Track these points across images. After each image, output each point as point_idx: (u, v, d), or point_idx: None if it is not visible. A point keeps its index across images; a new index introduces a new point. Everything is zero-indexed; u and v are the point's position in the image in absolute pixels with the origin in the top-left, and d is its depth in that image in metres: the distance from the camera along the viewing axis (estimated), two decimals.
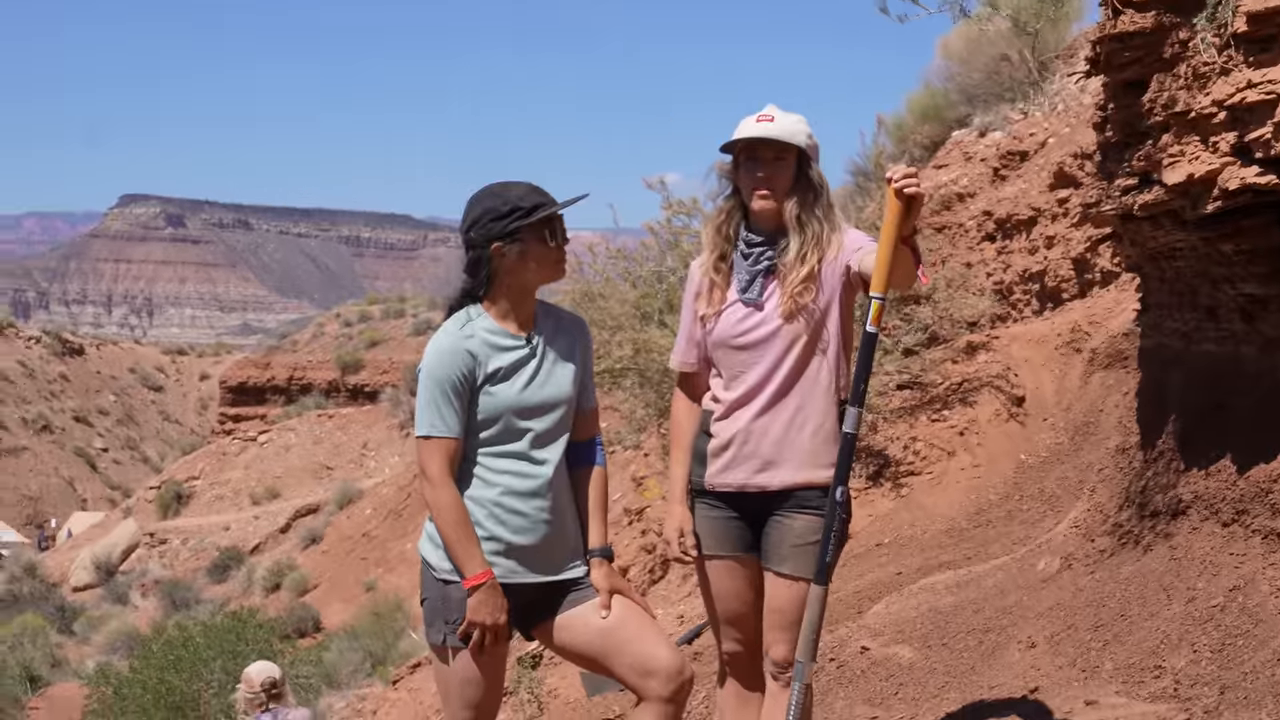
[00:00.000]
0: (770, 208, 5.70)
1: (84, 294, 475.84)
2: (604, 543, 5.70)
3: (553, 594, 5.57)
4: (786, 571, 5.71)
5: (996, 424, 13.18)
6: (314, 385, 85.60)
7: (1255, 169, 6.64)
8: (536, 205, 5.41)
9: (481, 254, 5.43)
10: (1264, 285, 7.27)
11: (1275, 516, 7.03)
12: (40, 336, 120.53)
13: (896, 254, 5.30)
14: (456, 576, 5.38)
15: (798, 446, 5.70)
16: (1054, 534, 9.89)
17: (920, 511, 12.44)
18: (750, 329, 5.72)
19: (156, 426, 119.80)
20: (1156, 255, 8.42)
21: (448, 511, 5.37)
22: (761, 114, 5.75)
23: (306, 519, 55.67)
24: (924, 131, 20.55)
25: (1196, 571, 7.40)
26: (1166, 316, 8.79)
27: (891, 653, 8.64)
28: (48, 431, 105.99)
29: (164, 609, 46.21)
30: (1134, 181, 7.80)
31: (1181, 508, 7.86)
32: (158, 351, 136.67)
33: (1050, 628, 8.04)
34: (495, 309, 5.50)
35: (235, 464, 70.18)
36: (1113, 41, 7.72)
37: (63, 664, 40.68)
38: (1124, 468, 9.08)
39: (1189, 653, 6.85)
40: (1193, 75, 7.01)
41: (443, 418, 5.38)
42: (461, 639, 5.38)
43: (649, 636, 5.49)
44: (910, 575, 10.88)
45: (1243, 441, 7.45)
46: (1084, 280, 15.19)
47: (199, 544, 59.66)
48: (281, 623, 37.35)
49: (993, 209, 16.83)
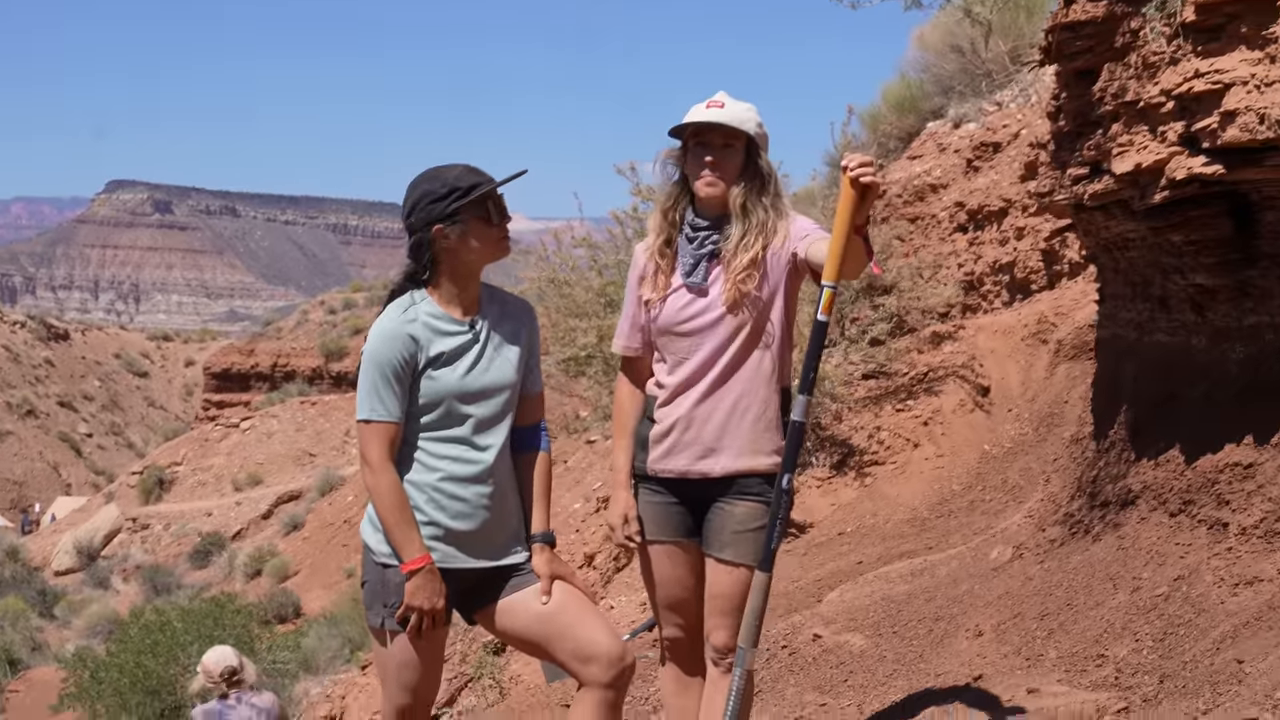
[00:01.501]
0: (717, 194, 5.68)
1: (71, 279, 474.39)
2: (546, 528, 5.64)
3: (494, 579, 5.53)
4: (727, 558, 5.70)
5: (961, 414, 13.20)
6: (298, 372, 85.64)
7: (1202, 159, 6.67)
8: (474, 185, 5.37)
9: (423, 237, 5.39)
10: (1213, 276, 7.30)
11: (1221, 507, 7.06)
12: (25, 321, 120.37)
13: (849, 243, 5.26)
14: (395, 560, 5.36)
15: (739, 433, 5.68)
16: (1009, 524, 9.92)
17: (883, 501, 12.45)
18: (694, 315, 5.70)
19: (141, 412, 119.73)
20: (1110, 246, 8.44)
21: (386, 496, 5.35)
22: (711, 100, 5.73)
23: (288, 505, 55.63)
24: (899, 123, 20.52)
25: (1143, 561, 7.44)
26: (1121, 307, 8.82)
27: (843, 640, 8.67)
28: (32, 416, 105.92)
29: (145, 594, 46.15)
30: (1085, 171, 7.83)
31: (1131, 497, 7.89)
32: (143, 337, 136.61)
33: (998, 616, 8.07)
34: (439, 293, 5.46)
35: (218, 450, 70.09)
36: (1065, 30, 7.75)
37: (42, 648, 40.65)
38: (1077, 458, 9.12)
39: (1131, 642, 6.88)
40: (1142, 65, 7.03)
41: (383, 402, 5.36)
42: (399, 622, 5.35)
43: (589, 622, 5.47)
44: (871, 564, 10.89)
45: (1191, 432, 7.48)
46: (1053, 272, 15.20)
47: (181, 529, 59.59)
48: (261, 608, 37.27)
49: (965, 200, 16.84)
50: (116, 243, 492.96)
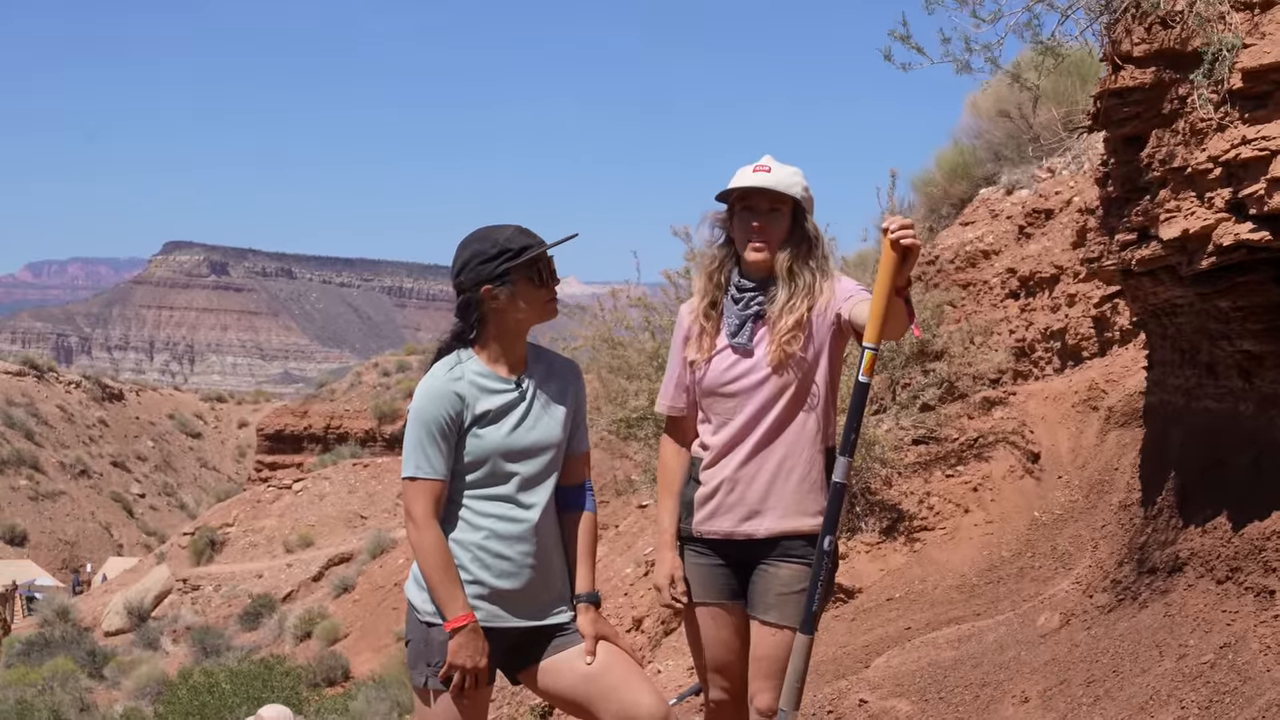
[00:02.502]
0: (764, 259, 5.70)
1: (126, 340, 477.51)
2: (591, 588, 5.64)
3: (538, 638, 5.54)
4: (772, 620, 5.70)
5: (1011, 480, 13.15)
6: (350, 434, 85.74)
7: (1249, 225, 6.66)
8: (525, 246, 5.40)
9: (471, 297, 5.43)
10: (1260, 342, 7.27)
11: (1268, 574, 7.02)
12: (80, 381, 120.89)
13: (890, 305, 5.27)
14: (439, 619, 5.36)
15: (784, 494, 5.70)
16: (1057, 590, 9.87)
17: (932, 567, 12.40)
18: (739, 376, 5.72)
19: (194, 473, 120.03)
20: (1158, 311, 8.42)
21: (431, 554, 5.36)
22: (758, 165, 5.75)
23: (339, 568, 55.58)
24: (952, 189, 20.54)
25: (1189, 628, 7.39)
26: (1169, 373, 8.79)
27: (889, 705, 8.64)
28: (85, 476, 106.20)
29: (194, 655, 46.14)
30: (1133, 236, 7.81)
31: (1178, 564, 7.85)
32: (197, 398, 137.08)
33: (1044, 683, 8.03)
34: (485, 352, 5.50)
35: (270, 511, 70.13)
36: (1112, 96, 7.75)
37: (91, 708, 40.63)
38: (1125, 524, 9.08)
39: (1177, 709, 6.84)
40: (1190, 131, 7.03)
41: (428, 459, 5.37)
42: (442, 681, 5.35)
43: (633, 683, 5.47)
44: (919, 630, 10.85)
45: (1238, 499, 7.44)
46: (1104, 338, 15.16)
47: (231, 591, 59.59)
48: (310, 670, 37.29)
49: (1016, 266, 16.82)
50: (172, 304, 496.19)
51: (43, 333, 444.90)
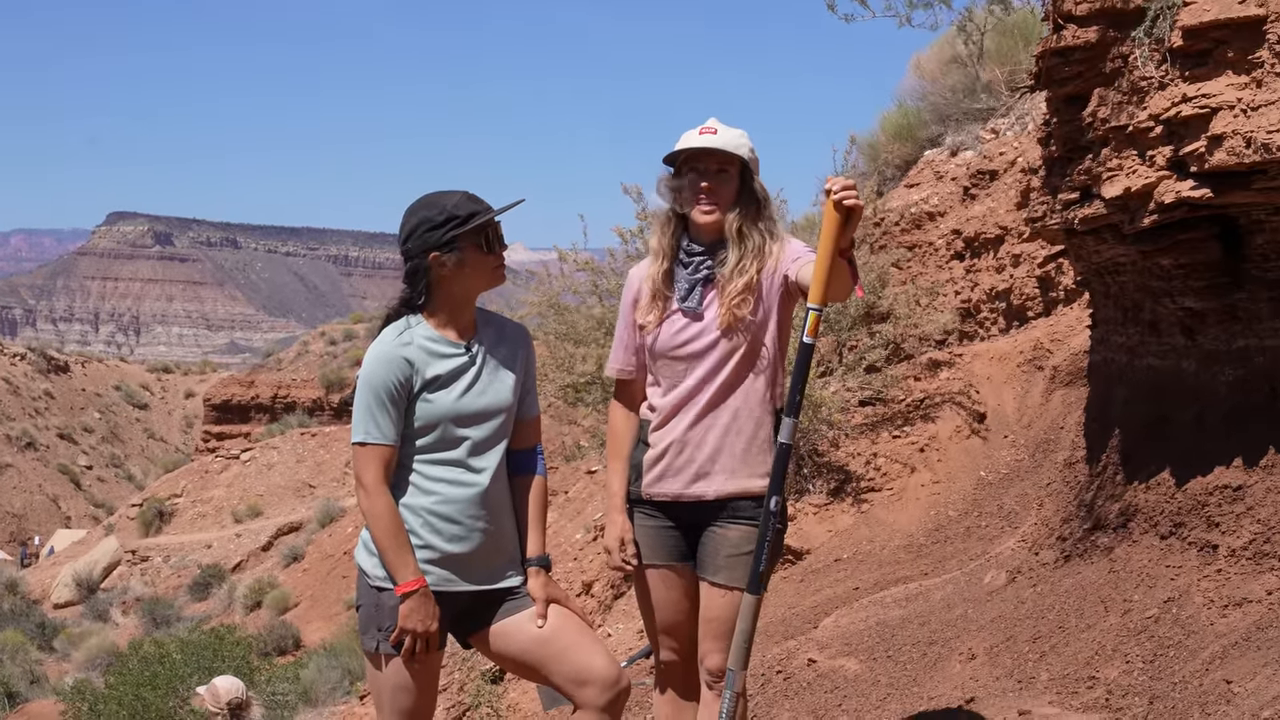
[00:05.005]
0: (714, 220, 5.70)
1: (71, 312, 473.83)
2: (542, 551, 5.66)
3: (489, 602, 5.55)
4: (721, 581, 5.72)
5: (957, 440, 13.22)
6: (298, 403, 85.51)
7: (1190, 183, 6.71)
8: (472, 213, 5.40)
9: (419, 264, 5.42)
10: (1202, 299, 7.34)
11: (1210, 529, 7.09)
12: (25, 353, 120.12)
13: (834, 266, 5.29)
14: (390, 584, 5.37)
15: (733, 456, 5.71)
16: (1003, 549, 9.95)
17: (880, 527, 12.46)
18: (690, 339, 5.73)
19: (141, 444, 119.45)
20: (1101, 270, 8.49)
21: (381, 519, 5.36)
22: (704, 127, 5.75)
23: (288, 537, 55.42)
24: (897, 150, 20.55)
25: (1134, 584, 7.47)
26: (1112, 332, 8.85)
27: (838, 665, 8.69)
28: (32, 449, 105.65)
29: (145, 626, 46.00)
30: (1076, 196, 7.87)
31: (1122, 521, 7.93)
32: (143, 369, 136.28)
33: (991, 639, 8.10)
34: (434, 319, 5.49)
35: (218, 482, 69.87)
36: (1054, 56, 7.79)
37: (41, 680, 40.48)
38: (1071, 482, 9.15)
39: (1122, 663, 6.91)
40: (1131, 90, 7.08)
41: (378, 424, 5.37)
42: (394, 646, 5.37)
43: (585, 646, 5.49)
44: (866, 590, 10.91)
45: (1181, 455, 7.52)
46: (1048, 298, 15.24)
47: (180, 561, 59.40)
48: (261, 640, 37.21)
49: (961, 227, 16.89)
50: (117, 274, 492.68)
51: None
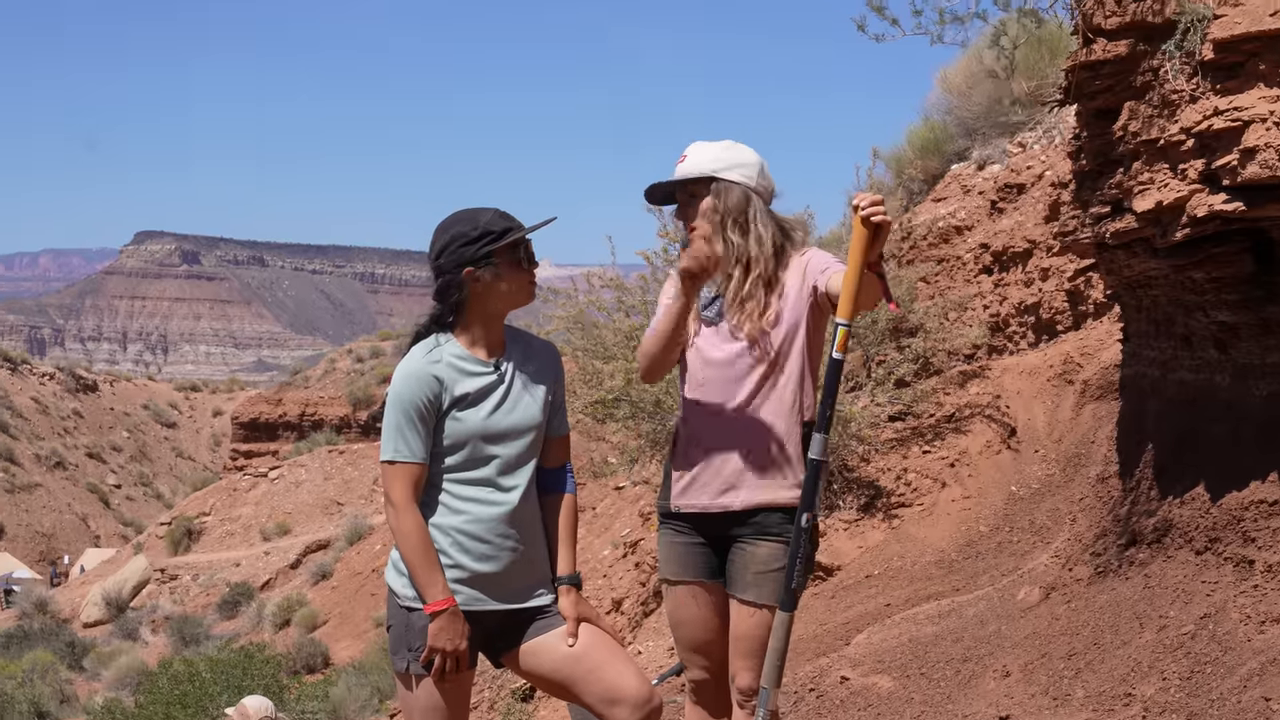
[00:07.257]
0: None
1: (99, 331, 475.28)
2: (572, 570, 5.62)
3: (520, 621, 5.52)
4: (750, 599, 5.67)
5: (988, 455, 13.16)
6: (326, 421, 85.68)
7: (1222, 196, 6.67)
8: (507, 229, 5.39)
9: (452, 279, 5.39)
10: (1235, 313, 7.29)
11: (1246, 544, 7.04)
12: (54, 373, 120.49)
13: (862, 280, 5.26)
14: (419, 604, 5.34)
15: (760, 467, 5.67)
16: (1036, 564, 9.89)
17: (911, 543, 12.40)
18: (716, 348, 5.70)
19: (169, 463, 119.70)
20: (1133, 284, 8.44)
21: (410, 538, 5.34)
22: (682, 155, 5.74)
23: (317, 555, 55.49)
24: (923, 165, 20.49)
25: (1169, 599, 7.41)
26: (1144, 346, 8.81)
27: (870, 682, 8.64)
28: (61, 468, 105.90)
29: (174, 645, 46.08)
30: (1107, 210, 7.83)
31: (1157, 536, 7.87)
32: (171, 388, 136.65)
33: (1025, 656, 8.05)
34: (464, 335, 5.46)
35: (246, 500, 69.97)
36: (1084, 70, 7.75)
37: (71, 700, 40.58)
38: (1104, 497, 9.10)
39: (1158, 680, 6.86)
40: (1162, 103, 7.04)
41: (407, 443, 5.34)
42: (424, 666, 5.34)
43: (616, 664, 5.46)
44: (898, 606, 10.86)
45: (1216, 470, 7.46)
46: (1078, 312, 15.19)
47: (209, 580, 59.53)
48: (290, 658, 37.27)
49: (989, 241, 16.84)
50: (145, 293, 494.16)
51: (15, 325, 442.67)
